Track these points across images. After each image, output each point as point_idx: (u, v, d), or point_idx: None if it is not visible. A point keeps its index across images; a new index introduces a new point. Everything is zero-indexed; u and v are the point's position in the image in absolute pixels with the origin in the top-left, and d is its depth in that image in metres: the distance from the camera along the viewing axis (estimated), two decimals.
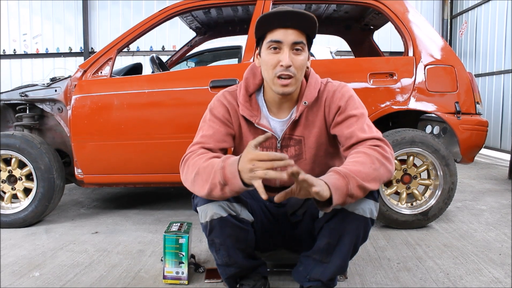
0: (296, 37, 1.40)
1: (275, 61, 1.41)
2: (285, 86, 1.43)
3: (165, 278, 1.81)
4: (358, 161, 1.32)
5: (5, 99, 2.78)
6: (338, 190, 1.23)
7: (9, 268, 2.00)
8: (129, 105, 2.60)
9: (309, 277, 1.53)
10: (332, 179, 1.24)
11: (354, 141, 1.42)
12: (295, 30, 1.40)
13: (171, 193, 3.69)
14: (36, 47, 7.98)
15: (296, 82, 1.45)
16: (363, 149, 1.37)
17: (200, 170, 1.34)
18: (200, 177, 1.34)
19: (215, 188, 1.30)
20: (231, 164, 1.27)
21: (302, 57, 1.43)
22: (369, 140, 1.40)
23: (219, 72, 2.63)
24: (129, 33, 2.71)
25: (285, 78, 1.42)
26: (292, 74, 1.41)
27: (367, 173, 1.29)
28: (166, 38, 7.79)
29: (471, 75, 2.66)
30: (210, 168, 1.32)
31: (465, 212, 2.94)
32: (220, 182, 1.28)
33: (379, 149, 1.36)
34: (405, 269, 1.95)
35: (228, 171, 1.26)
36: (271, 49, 1.42)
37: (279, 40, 1.40)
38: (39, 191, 2.62)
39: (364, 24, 3.48)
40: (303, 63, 1.43)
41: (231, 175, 1.26)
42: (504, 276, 1.86)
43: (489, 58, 6.06)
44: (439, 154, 2.49)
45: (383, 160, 1.34)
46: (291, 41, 1.40)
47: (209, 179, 1.31)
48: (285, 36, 1.39)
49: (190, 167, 1.39)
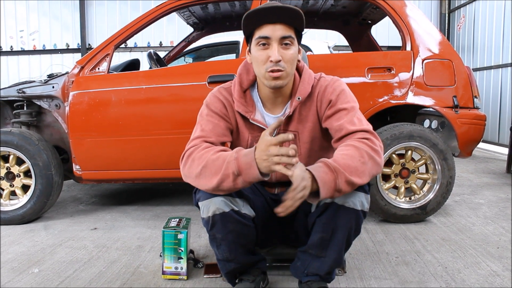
0: (284, 31, 1.40)
1: (265, 57, 1.42)
2: (277, 79, 1.43)
3: (164, 273, 1.82)
4: (347, 154, 1.32)
5: (3, 96, 2.77)
6: (326, 184, 1.25)
7: (8, 265, 2.00)
8: (127, 101, 2.59)
9: (307, 272, 1.54)
10: (320, 173, 1.26)
11: (343, 134, 1.43)
12: (283, 25, 1.40)
13: (170, 188, 3.69)
14: (33, 44, 7.93)
15: (288, 76, 1.45)
16: (352, 142, 1.37)
17: (209, 163, 1.34)
18: (209, 170, 1.33)
19: (227, 179, 1.30)
20: (246, 154, 1.29)
21: (291, 51, 1.43)
22: (358, 133, 1.40)
23: (217, 67, 2.63)
24: (127, 29, 2.70)
25: (276, 72, 1.42)
26: (282, 68, 1.41)
27: (356, 167, 1.30)
28: (164, 33, 7.76)
29: (469, 69, 2.66)
30: (221, 160, 1.32)
31: (463, 206, 2.95)
32: (234, 172, 1.28)
33: (368, 142, 1.36)
34: (403, 263, 1.96)
35: (243, 161, 1.28)
36: (260, 45, 1.43)
37: (267, 36, 1.40)
38: (38, 187, 2.62)
39: (362, 19, 3.48)
40: (292, 56, 1.43)
41: (247, 165, 1.27)
42: (502, 269, 1.87)
43: (487, 52, 6.05)
44: (437, 148, 2.50)
45: (372, 153, 1.34)
46: (279, 36, 1.40)
47: (219, 171, 1.31)
48: (273, 31, 1.40)
49: (196, 160, 1.38)
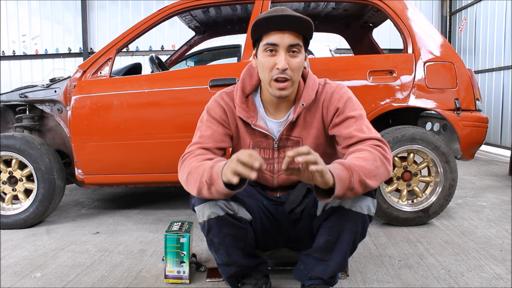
0: (292, 39, 1.40)
1: (272, 63, 1.42)
2: (282, 90, 1.44)
3: (167, 277, 1.82)
4: (362, 157, 1.33)
5: (5, 100, 2.78)
6: (341, 181, 1.23)
7: (11, 269, 2.00)
8: (128, 105, 2.59)
9: (310, 275, 1.54)
10: (336, 169, 1.25)
11: (354, 141, 1.43)
12: (291, 33, 1.40)
13: (172, 192, 3.69)
14: (35, 48, 7.97)
15: (293, 85, 1.46)
16: (365, 147, 1.38)
17: (192, 170, 1.37)
18: (192, 177, 1.36)
19: (203, 188, 1.32)
20: (219, 165, 1.28)
21: (298, 59, 1.43)
22: (369, 140, 1.41)
23: (219, 71, 2.63)
24: (128, 33, 2.71)
25: (282, 81, 1.42)
26: (288, 76, 1.42)
27: (370, 169, 1.30)
28: (165, 37, 7.78)
29: (471, 72, 2.66)
30: (201, 169, 1.34)
31: (466, 209, 2.94)
32: (206, 181, 1.29)
33: (380, 149, 1.37)
34: (406, 266, 1.95)
35: (214, 171, 1.28)
36: (267, 51, 1.43)
37: (275, 43, 1.41)
38: (40, 192, 2.62)
39: (363, 22, 3.48)
40: (299, 65, 1.44)
41: (216, 175, 1.27)
42: (506, 272, 1.86)
43: (489, 54, 6.05)
44: (440, 151, 2.49)
45: (384, 160, 1.35)
46: (287, 44, 1.40)
47: (197, 179, 1.33)
48: (281, 39, 1.40)
49: (185, 167, 1.41)
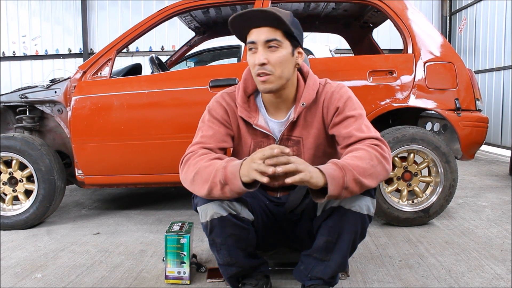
0: (268, 35, 1.40)
1: (253, 61, 1.43)
2: (264, 83, 1.43)
3: (167, 278, 1.82)
4: (357, 156, 1.33)
5: (5, 101, 2.78)
6: (334, 180, 1.24)
7: (11, 270, 2.00)
8: (129, 106, 2.59)
9: (310, 276, 1.54)
10: (329, 169, 1.26)
11: (352, 140, 1.43)
12: (267, 28, 1.40)
13: (172, 193, 3.69)
14: (36, 49, 7.97)
15: (278, 79, 1.44)
16: (363, 146, 1.38)
17: (201, 170, 1.36)
18: (200, 176, 1.35)
19: (215, 187, 1.31)
20: (234, 164, 1.30)
21: (278, 53, 1.42)
22: (368, 139, 1.41)
23: (219, 71, 2.63)
24: (128, 34, 2.71)
25: (262, 76, 1.43)
26: (268, 72, 1.41)
27: (365, 168, 1.30)
28: (165, 38, 7.79)
29: (471, 72, 2.66)
30: (211, 168, 1.33)
31: (466, 209, 2.94)
32: (220, 181, 1.30)
33: (378, 148, 1.37)
34: (407, 267, 1.95)
35: (230, 170, 1.29)
36: (251, 50, 1.45)
37: (253, 41, 1.42)
38: (40, 192, 2.62)
39: (363, 22, 3.48)
40: (279, 59, 1.42)
41: (232, 175, 1.28)
42: (506, 272, 1.86)
43: (489, 54, 6.05)
44: (440, 151, 2.49)
45: (381, 159, 1.35)
46: (263, 39, 1.41)
47: (209, 178, 1.32)
48: (257, 35, 1.41)
49: (191, 166, 1.40)
